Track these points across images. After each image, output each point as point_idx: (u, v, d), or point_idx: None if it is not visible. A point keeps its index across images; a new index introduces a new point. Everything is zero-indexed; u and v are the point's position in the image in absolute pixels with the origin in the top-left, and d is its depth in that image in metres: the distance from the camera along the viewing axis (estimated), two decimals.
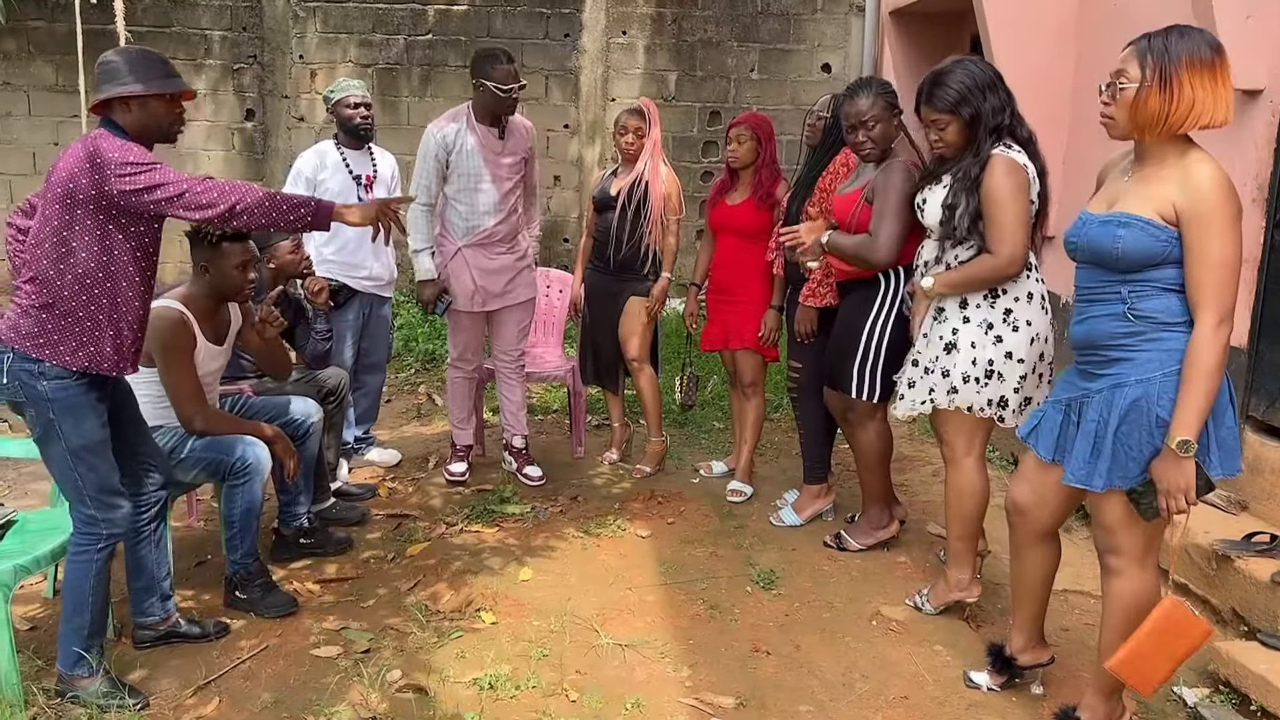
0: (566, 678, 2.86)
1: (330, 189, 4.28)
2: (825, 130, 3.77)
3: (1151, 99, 2.17)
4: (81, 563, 2.65)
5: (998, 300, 2.93)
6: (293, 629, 3.11)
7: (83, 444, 2.59)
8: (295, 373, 3.79)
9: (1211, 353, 2.14)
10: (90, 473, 2.61)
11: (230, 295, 3.19)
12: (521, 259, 4.31)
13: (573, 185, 7.60)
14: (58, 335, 2.53)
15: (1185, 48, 2.16)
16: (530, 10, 7.33)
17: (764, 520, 4.03)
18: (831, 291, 3.64)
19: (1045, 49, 4.37)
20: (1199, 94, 2.15)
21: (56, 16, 6.94)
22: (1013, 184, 2.81)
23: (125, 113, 2.58)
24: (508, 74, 3.99)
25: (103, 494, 2.64)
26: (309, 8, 7.24)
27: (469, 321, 4.31)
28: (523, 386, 4.51)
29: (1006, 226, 2.81)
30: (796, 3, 7.43)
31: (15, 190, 7.17)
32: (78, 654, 2.65)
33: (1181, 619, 2.22)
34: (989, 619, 3.23)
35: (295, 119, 7.36)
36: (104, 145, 2.49)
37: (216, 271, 3.10)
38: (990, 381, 2.93)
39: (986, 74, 2.90)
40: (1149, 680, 2.26)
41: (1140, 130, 2.23)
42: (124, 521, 2.70)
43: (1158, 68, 2.16)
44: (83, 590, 2.65)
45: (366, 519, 3.98)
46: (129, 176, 2.48)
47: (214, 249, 3.07)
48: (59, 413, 2.55)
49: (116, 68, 2.57)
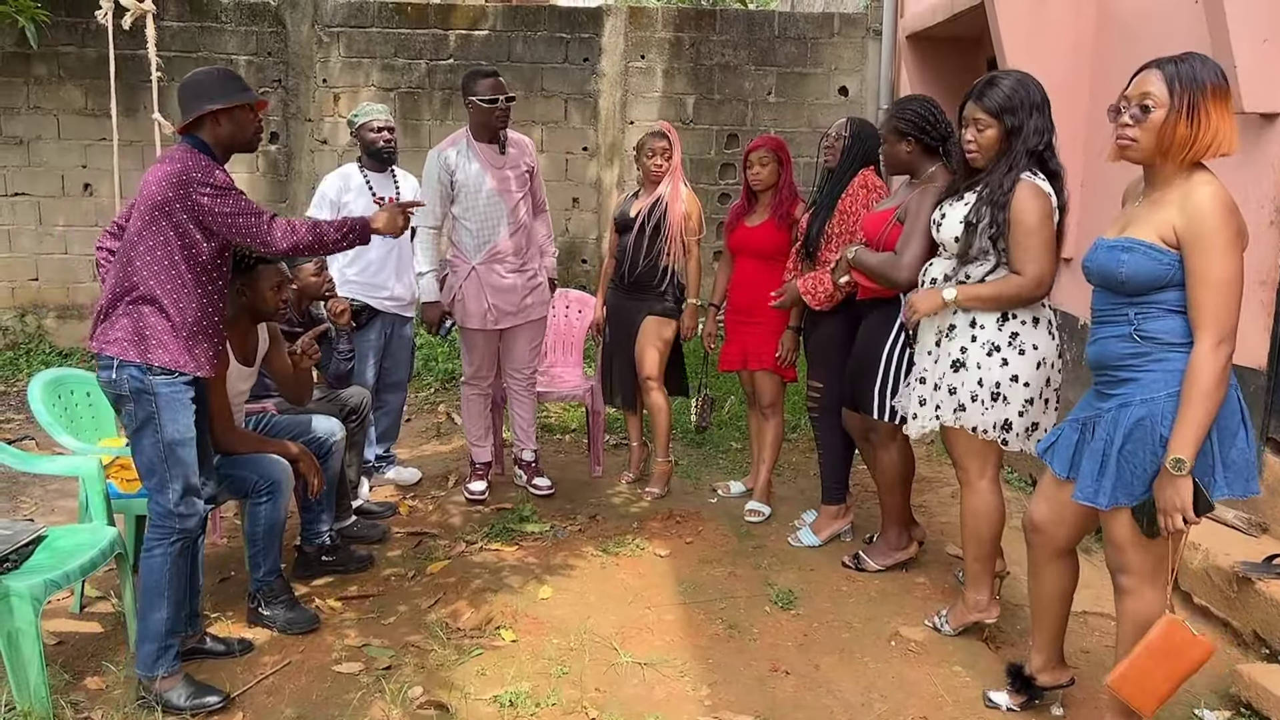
0: (586, 695, 2.87)
1: (354, 211, 4.34)
2: (844, 152, 3.80)
3: (1181, 126, 2.19)
4: (157, 557, 2.75)
5: (1006, 323, 2.93)
6: (315, 645, 3.14)
7: (177, 438, 2.73)
8: (318, 391, 3.84)
9: (1209, 373, 2.16)
10: (177, 466, 2.74)
11: (265, 315, 3.26)
12: (533, 278, 4.37)
13: (591, 207, 7.66)
14: (164, 338, 2.69)
15: (1208, 76, 2.19)
16: (550, 35, 7.43)
17: (782, 540, 4.03)
18: (828, 299, 3.68)
19: (1060, 73, 4.39)
20: (1218, 123, 2.18)
21: (86, 42, 7.08)
22: (1039, 207, 2.80)
23: (216, 127, 2.76)
24: (491, 86, 4.12)
25: (186, 489, 2.76)
26: (333, 33, 7.36)
27: (482, 340, 4.37)
28: (533, 402, 4.56)
29: (1034, 249, 2.80)
30: (814, 27, 7.50)
31: (44, 212, 7.29)
32: (156, 651, 2.72)
33: (1181, 639, 2.22)
34: (1008, 640, 3.23)
35: (318, 142, 7.46)
36: (191, 163, 2.67)
37: (253, 293, 3.17)
38: (996, 404, 2.93)
39: (1040, 96, 2.87)
40: (1149, 698, 2.26)
41: (1164, 155, 2.25)
42: (196, 522, 2.81)
43: (1187, 94, 2.19)
44: (159, 585, 2.74)
45: (387, 537, 4.02)
46: (210, 196, 2.66)
47: (250, 272, 3.14)
48: (161, 406, 2.71)
49: (206, 85, 2.75)
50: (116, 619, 3.26)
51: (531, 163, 4.34)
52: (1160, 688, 2.25)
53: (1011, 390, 2.92)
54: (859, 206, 3.69)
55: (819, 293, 3.73)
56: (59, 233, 7.32)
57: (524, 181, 4.29)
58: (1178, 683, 2.26)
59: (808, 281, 3.77)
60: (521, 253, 4.31)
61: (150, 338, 2.68)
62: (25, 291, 7.37)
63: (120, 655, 3.04)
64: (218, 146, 2.78)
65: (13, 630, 2.63)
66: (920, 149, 3.37)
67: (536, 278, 4.39)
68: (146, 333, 2.68)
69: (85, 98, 7.20)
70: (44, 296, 7.39)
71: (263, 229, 2.72)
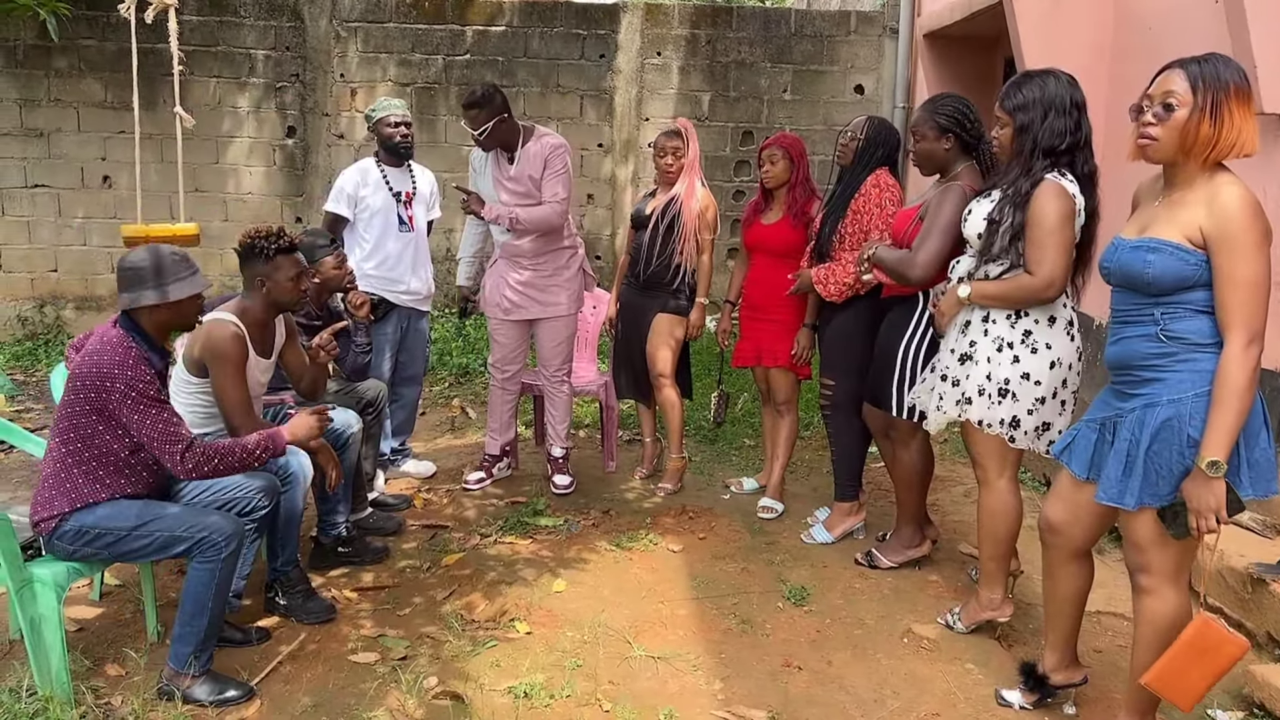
0: (600, 688, 2.89)
1: (371, 206, 4.38)
2: (858, 152, 3.80)
3: (1204, 125, 2.19)
4: (203, 572, 2.75)
5: (1019, 320, 2.92)
6: (331, 635, 3.17)
7: (145, 519, 2.76)
8: (334, 384, 3.87)
9: (1241, 373, 2.16)
10: (167, 529, 2.74)
11: (286, 306, 3.27)
12: (550, 277, 4.40)
13: (605, 204, 7.68)
14: (78, 481, 2.73)
15: (1231, 76, 2.19)
16: (566, 32, 7.44)
17: (795, 537, 4.05)
18: (839, 292, 3.70)
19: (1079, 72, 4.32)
20: (1240, 123, 2.18)
21: (107, 35, 7.13)
22: (1059, 209, 2.76)
23: (153, 313, 2.75)
24: (468, 119, 4.22)
25: (199, 531, 2.75)
26: (350, 28, 7.39)
27: (501, 331, 4.50)
28: (565, 403, 4.59)
29: (1048, 250, 2.77)
30: (830, 25, 7.49)
31: (64, 204, 7.35)
32: (191, 653, 2.75)
33: (1215, 636, 2.22)
34: (1021, 639, 3.23)
35: (335, 136, 7.50)
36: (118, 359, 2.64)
37: (273, 285, 3.18)
38: (1005, 400, 2.92)
39: (1063, 95, 2.81)
40: (1186, 695, 2.27)
41: (1186, 155, 2.24)
42: (236, 542, 2.80)
43: (1210, 94, 2.18)
44: (203, 598, 2.75)
45: (402, 529, 4.05)
46: (129, 405, 2.64)
47: (270, 263, 3.16)
48: (105, 528, 2.73)
49: (142, 273, 2.72)
50: (136, 607, 3.30)
51: (540, 172, 4.23)
52: (1196, 685, 2.25)
53: (1021, 388, 2.91)
54: (872, 206, 3.69)
55: (830, 284, 3.74)
56: (78, 225, 7.38)
57: (529, 192, 4.28)
58: (1214, 679, 2.26)
59: (821, 272, 3.78)
60: (536, 255, 4.35)
61: (69, 486, 2.70)
62: (45, 283, 7.44)
63: (140, 643, 3.07)
64: (154, 330, 2.76)
65: (36, 616, 2.66)
66: (958, 146, 3.33)
67: (553, 278, 4.42)
68: (66, 484, 2.70)
69: (105, 91, 7.26)
70: (63, 288, 7.45)
71: (173, 457, 2.69)
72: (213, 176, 7.40)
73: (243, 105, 7.41)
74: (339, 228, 4.40)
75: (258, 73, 7.40)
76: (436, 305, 6.30)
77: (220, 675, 2.82)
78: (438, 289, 5.09)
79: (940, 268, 3.21)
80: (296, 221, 7.43)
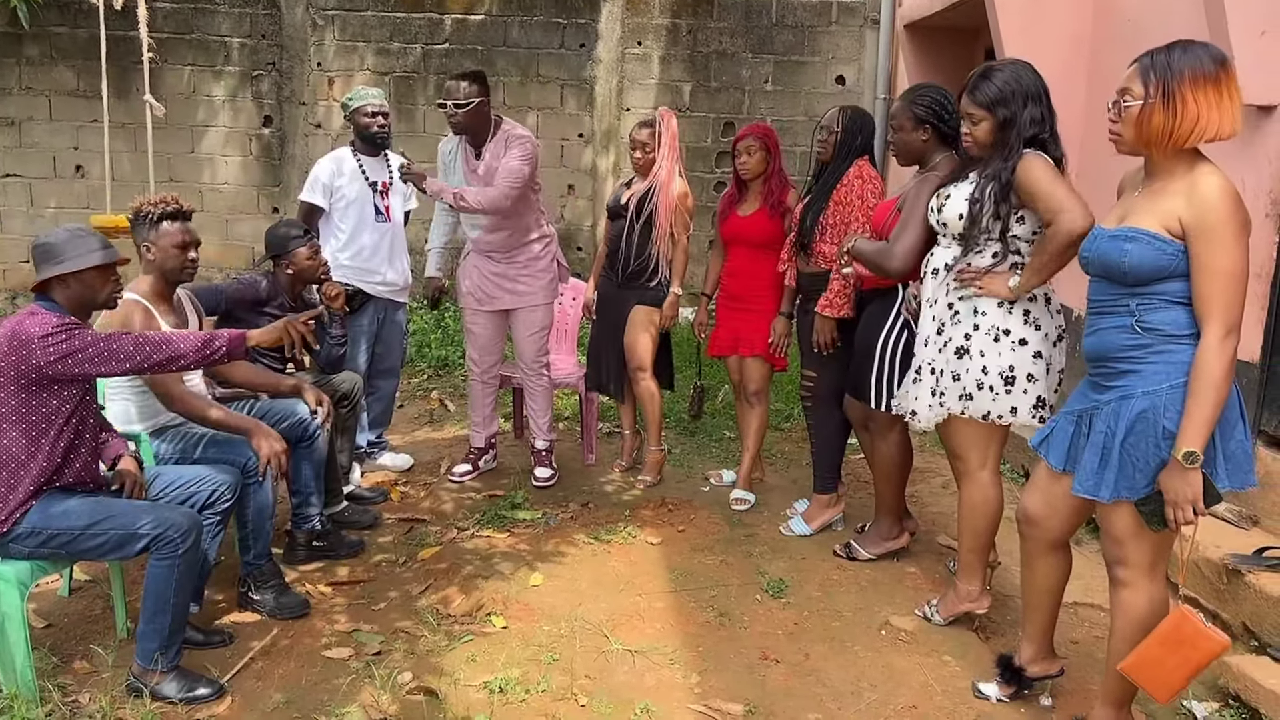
0: (576, 682, 2.87)
1: (347, 196, 4.33)
2: (838, 144, 3.77)
3: (1155, 115, 2.19)
4: (162, 568, 2.70)
5: (1015, 305, 2.89)
6: (304, 630, 3.14)
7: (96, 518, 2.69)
8: (309, 376, 3.82)
9: (1218, 364, 2.15)
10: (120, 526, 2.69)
11: (174, 276, 3.18)
12: (523, 268, 4.37)
13: (586, 194, 7.64)
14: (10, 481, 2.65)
15: (1187, 62, 2.18)
16: (546, 20, 7.39)
17: (774, 529, 4.03)
18: (848, 303, 3.65)
19: (1059, 64, 4.38)
20: (1202, 109, 2.17)
21: (78, 22, 7.03)
22: (1047, 166, 2.75)
23: (64, 288, 2.70)
24: (446, 90, 4.15)
25: (155, 525, 2.70)
26: (327, 16, 7.31)
27: (477, 322, 4.48)
28: (544, 395, 4.56)
29: (1059, 197, 2.71)
30: (811, 15, 7.47)
31: (36, 194, 7.25)
32: (157, 650, 2.71)
33: (1191, 629, 2.22)
34: (998, 630, 3.23)
35: (312, 125, 7.42)
36: (29, 323, 2.59)
37: (159, 251, 3.12)
38: (1012, 388, 2.89)
39: (1035, 84, 2.82)
40: (1163, 686, 2.27)
41: (1146, 145, 2.25)
42: (194, 536, 2.75)
43: (1160, 84, 2.19)
44: (165, 594, 2.70)
45: (378, 523, 4.01)
46: (52, 346, 2.57)
47: (153, 228, 3.12)
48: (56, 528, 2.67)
49: (51, 248, 2.69)
50: (106, 602, 3.25)
51: (498, 163, 4.15)
52: (1172, 677, 2.25)
53: (1036, 366, 2.88)
54: (854, 197, 3.67)
55: (839, 303, 3.68)
56: (50, 214, 7.28)
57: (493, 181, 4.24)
58: (1192, 673, 2.25)
59: (828, 294, 3.69)
60: (507, 249, 4.33)
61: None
62: (17, 274, 7.34)
63: (109, 639, 3.03)
64: (70, 305, 2.71)
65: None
66: (935, 137, 3.30)
67: (531, 266, 4.38)
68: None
69: (77, 79, 7.16)
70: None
71: (122, 362, 2.63)
72: (188, 166, 7.31)
73: (218, 94, 7.32)
74: (314, 218, 4.34)
75: (233, 61, 7.32)
76: (414, 296, 6.24)
77: (190, 672, 2.78)
78: (415, 280, 5.04)
79: (918, 259, 3.19)
80: (274, 212, 7.36)
